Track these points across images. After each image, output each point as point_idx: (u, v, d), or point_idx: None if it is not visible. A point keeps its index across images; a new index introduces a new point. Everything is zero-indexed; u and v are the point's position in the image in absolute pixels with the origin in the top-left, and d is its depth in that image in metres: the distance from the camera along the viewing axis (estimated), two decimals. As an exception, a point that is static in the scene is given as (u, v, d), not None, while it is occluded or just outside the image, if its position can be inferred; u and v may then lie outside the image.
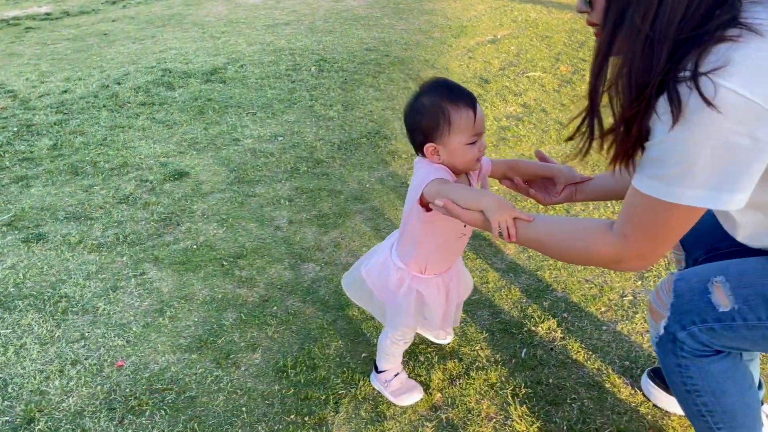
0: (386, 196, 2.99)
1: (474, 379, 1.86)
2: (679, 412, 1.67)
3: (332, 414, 1.77)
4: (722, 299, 1.14)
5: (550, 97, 4.16)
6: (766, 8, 0.88)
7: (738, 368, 1.23)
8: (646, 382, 1.77)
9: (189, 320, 2.17)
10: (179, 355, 2.01)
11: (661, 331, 1.23)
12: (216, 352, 2.02)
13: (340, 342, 2.04)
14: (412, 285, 1.59)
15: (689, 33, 0.89)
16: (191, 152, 3.53)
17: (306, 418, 1.76)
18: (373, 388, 1.84)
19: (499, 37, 5.64)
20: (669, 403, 1.70)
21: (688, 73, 0.87)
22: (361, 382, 1.86)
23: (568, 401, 1.77)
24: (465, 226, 1.48)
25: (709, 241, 1.42)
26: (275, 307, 2.22)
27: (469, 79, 4.55)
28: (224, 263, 2.49)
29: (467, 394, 1.81)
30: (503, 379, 1.86)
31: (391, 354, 1.79)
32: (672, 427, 1.66)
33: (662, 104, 0.91)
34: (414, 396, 1.79)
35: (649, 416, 1.70)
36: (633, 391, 1.79)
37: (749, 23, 0.86)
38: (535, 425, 1.70)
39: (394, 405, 1.78)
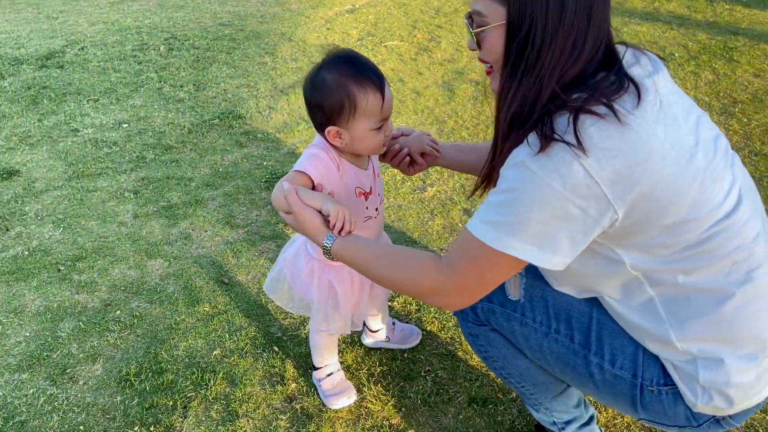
0: (241, 180, 2.86)
1: (329, 363, 1.82)
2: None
3: (180, 420, 1.67)
4: (514, 289, 1.21)
5: (407, 66, 4.16)
6: (632, 98, 0.93)
7: None
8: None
9: (19, 336, 1.97)
10: (7, 377, 1.82)
11: None
12: (50, 368, 1.85)
13: (189, 341, 1.93)
14: (323, 276, 1.48)
15: (571, 79, 0.96)
16: (23, 148, 3.20)
17: (152, 428, 1.65)
18: (225, 386, 1.76)
19: (357, 6, 5.56)
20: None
21: (558, 135, 0.92)
22: (212, 382, 1.77)
23: (423, 374, 1.78)
24: (368, 208, 1.43)
25: None
26: (118, 311, 2.06)
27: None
28: (61, 268, 2.28)
29: (322, 380, 1.77)
30: (359, 359, 1.84)
31: (319, 347, 1.67)
32: (520, 387, 1.71)
33: (533, 139, 0.95)
34: (343, 400, 1.67)
35: (498, 380, 1.74)
36: (484, 356, 1.82)
37: (617, 109, 0.91)
38: (389, 403, 1.69)
39: (247, 402, 1.71)
